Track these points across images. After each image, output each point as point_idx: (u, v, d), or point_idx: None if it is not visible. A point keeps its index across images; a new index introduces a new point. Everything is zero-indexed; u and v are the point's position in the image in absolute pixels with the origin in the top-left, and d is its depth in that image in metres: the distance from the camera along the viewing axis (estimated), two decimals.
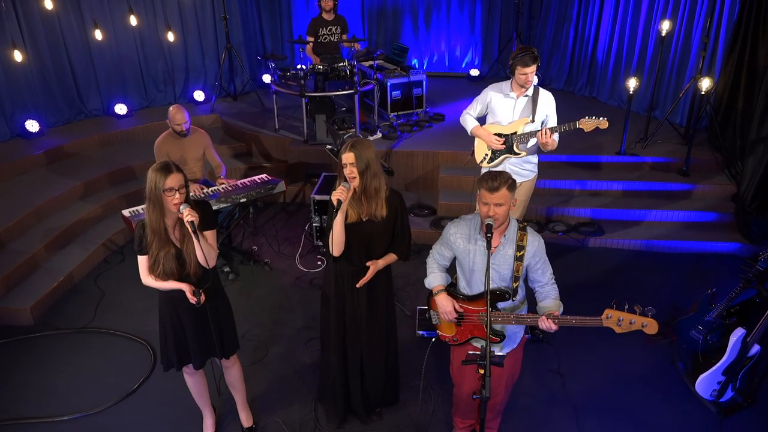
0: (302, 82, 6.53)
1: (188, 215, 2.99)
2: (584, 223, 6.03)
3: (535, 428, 3.91)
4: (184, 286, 3.20)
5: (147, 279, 3.24)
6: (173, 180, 3.01)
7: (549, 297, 3.14)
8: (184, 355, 3.49)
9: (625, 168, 6.42)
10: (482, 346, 2.75)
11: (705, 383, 3.97)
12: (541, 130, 4.31)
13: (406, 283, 5.39)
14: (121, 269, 5.65)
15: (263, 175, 5.57)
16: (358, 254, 3.41)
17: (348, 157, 3.19)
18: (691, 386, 4.13)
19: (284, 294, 5.28)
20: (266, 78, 8.53)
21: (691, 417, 4.00)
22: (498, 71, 9.02)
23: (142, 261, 3.21)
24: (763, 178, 5.67)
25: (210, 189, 5.29)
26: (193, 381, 3.70)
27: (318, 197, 5.55)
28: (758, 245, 5.65)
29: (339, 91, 6.72)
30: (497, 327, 3.24)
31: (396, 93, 7.28)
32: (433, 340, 3.51)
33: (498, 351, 3.30)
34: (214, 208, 5.09)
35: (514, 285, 3.11)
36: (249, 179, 5.46)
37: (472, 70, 9.08)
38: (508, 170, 4.67)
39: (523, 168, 4.70)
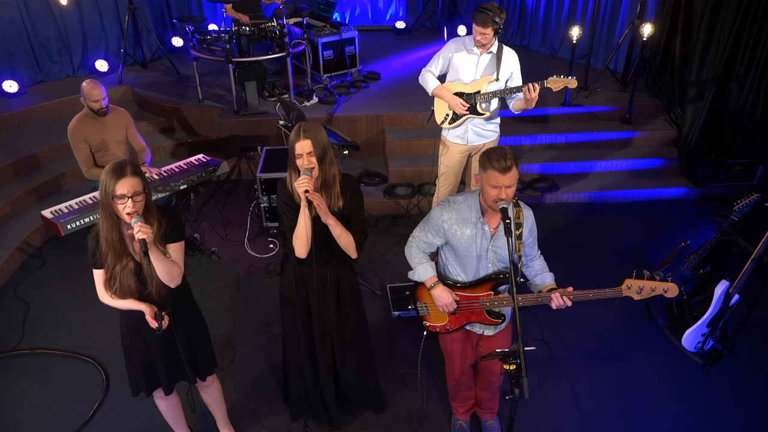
0: (227, 46, 5.89)
1: (139, 231, 2.48)
2: (538, 179, 5.93)
3: (534, 398, 3.81)
4: (144, 307, 2.74)
5: (103, 296, 2.77)
6: (125, 185, 2.49)
7: (543, 272, 3.00)
8: (154, 379, 3.05)
9: (570, 119, 6.36)
10: (515, 347, 2.52)
11: (690, 337, 4.01)
12: (527, 86, 4.03)
13: (369, 260, 5.08)
14: (43, 275, 4.94)
15: (200, 156, 5.01)
16: (320, 251, 3.01)
17: (304, 146, 2.75)
18: (674, 340, 4.18)
19: (239, 285, 4.83)
20: (177, 41, 7.74)
21: (675, 369, 4.05)
22: (424, 22, 8.66)
23: (98, 275, 2.72)
24: (706, 121, 5.78)
25: None
26: (166, 404, 3.27)
27: (264, 176, 5.06)
28: (704, 188, 5.80)
29: (269, 54, 6.12)
30: (497, 310, 3.05)
31: (328, 52, 6.78)
32: (425, 333, 3.26)
33: (490, 332, 3.14)
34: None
35: (519, 265, 2.91)
36: (185, 162, 4.88)
37: (397, 22, 8.66)
38: (470, 132, 4.43)
39: (486, 129, 4.47)
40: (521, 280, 3.00)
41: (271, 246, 5.25)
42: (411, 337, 4.30)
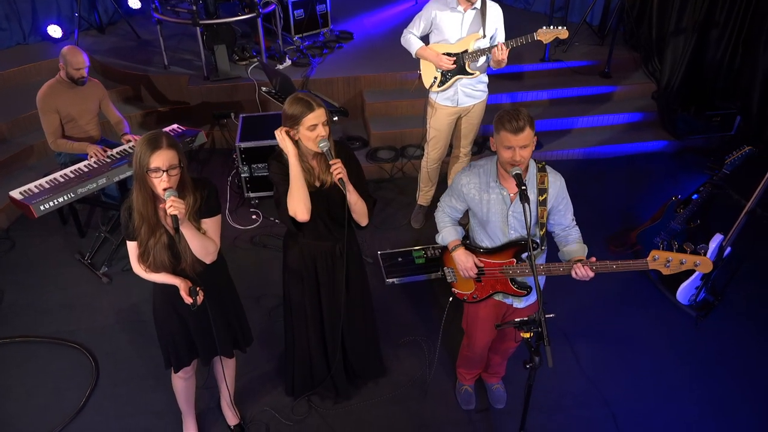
0: (193, 7, 5.55)
1: (171, 206, 2.37)
2: None
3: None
4: (178, 282, 2.66)
5: (137, 269, 2.69)
6: (161, 158, 2.37)
7: (573, 241, 2.88)
8: (183, 356, 2.98)
9: (550, 75, 6.27)
10: (534, 315, 2.47)
11: (685, 291, 4.06)
12: (497, 46, 3.94)
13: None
14: (15, 259, 4.65)
15: (174, 126, 4.77)
16: (323, 223, 2.90)
17: (321, 115, 2.62)
18: (668, 294, 4.22)
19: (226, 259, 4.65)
20: (134, 3, 7.28)
21: (671, 323, 4.10)
22: None
23: (132, 247, 2.62)
24: (686, 72, 5.77)
25: (116, 150, 4.43)
26: (186, 385, 3.19)
27: (244, 144, 4.85)
28: (684, 140, 5.84)
29: (238, 15, 5.81)
30: (520, 279, 2.98)
31: (298, 12, 6.48)
32: (450, 299, 3.19)
33: (520, 305, 3.07)
34: (128, 173, 4.29)
35: (540, 233, 2.82)
36: None
37: None
38: (459, 93, 4.31)
39: (476, 89, 4.36)
40: (544, 248, 2.91)
41: (254, 217, 5.07)
42: (406, 304, 4.24)
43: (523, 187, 2.54)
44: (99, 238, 4.68)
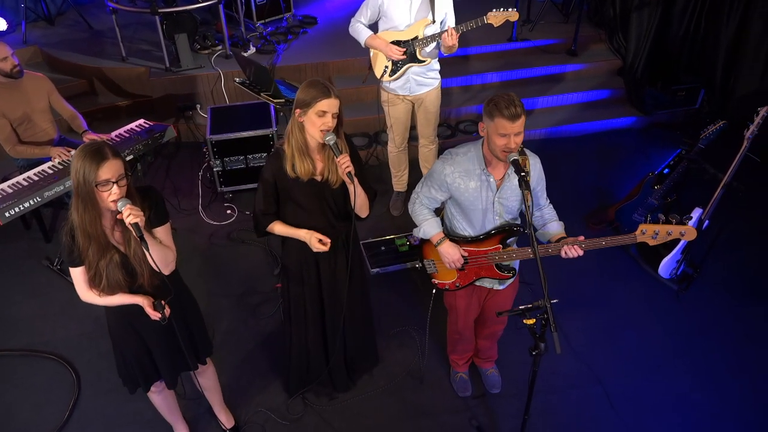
0: None
1: (129, 215, 2.21)
2: None
3: (527, 343, 3.83)
4: (140, 300, 2.50)
5: (88, 295, 2.49)
6: (109, 169, 2.20)
7: (549, 220, 2.91)
8: (151, 373, 2.82)
9: (517, 54, 6.25)
10: (540, 302, 2.46)
11: (667, 265, 4.14)
12: (447, 31, 3.88)
13: None
14: None
15: (141, 121, 4.58)
16: (324, 215, 2.86)
17: (333, 104, 2.56)
18: (649, 270, 4.30)
19: (203, 258, 4.52)
20: None
21: (652, 297, 4.19)
22: None
23: (77, 273, 2.43)
24: (652, 47, 5.84)
25: None
26: (162, 398, 3.04)
27: (216, 137, 4.68)
28: (652, 116, 5.93)
29: (199, 2, 5.58)
30: (507, 263, 2.98)
31: None
32: (434, 291, 3.16)
33: (500, 287, 3.09)
34: None
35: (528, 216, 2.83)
36: (125, 129, 4.44)
37: None
38: (411, 81, 4.23)
39: (427, 77, 4.29)
40: (525, 231, 2.93)
41: (229, 212, 4.93)
42: (392, 293, 4.20)
43: (524, 173, 2.51)
44: None
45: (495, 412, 3.47)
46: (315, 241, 2.76)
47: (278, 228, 2.85)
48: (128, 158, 4.18)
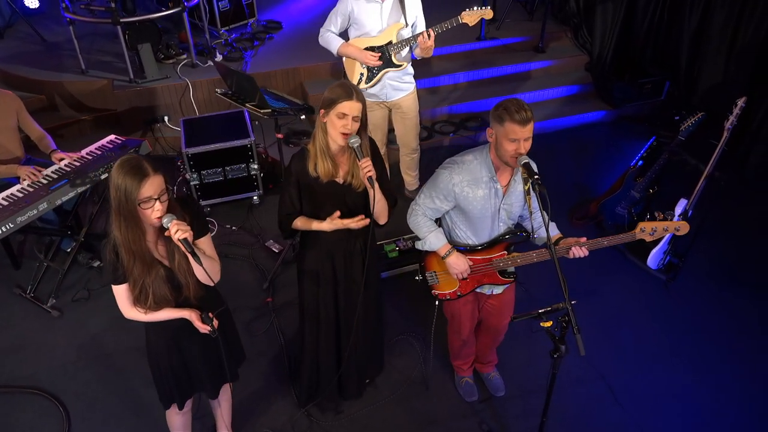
0: (112, 4, 5.07)
1: (177, 231, 2.15)
2: (468, 118, 5.87)
3: (525, 342, 3.84)
4: (187, 314, 2.44)
5: (131, 312, 2.42)
6: (151, 186, 2.13)
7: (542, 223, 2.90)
8: (186, 390, 2.77)
9: (487, 53, 6.28)
10: (561, 304, 2.46)
11: (654, 257, 4.22)
12: (422, 34, 3.87)
13: None
14: None
15: (112, 137, 4.36)
16: (343, 218, 2.79)
17: (355, 108, 2.51)
18: (638, 262, 4.37)
19: None
20: (31, 2, 6.60)
21: (644, 289, 4.25)
22: None
23: (121, 291, 2.36)
24: (618, 41, 5.95)
25: (51, 170, 3.98)
26: (183, 421, 2.97)
27: (192, 150, 4.52)
28: (621, 108, 6.05)
29: (162, 10, 5.38)
30: (510, 269, 2.98)
31: (223, 2, 6.11)
32: (437, 303, 3.12)
33: (499, 291, 3.09)
34: (71, 194, 3.89)
35: (531, 219, 2.84)
36: (96, 146, 4.23)
37: None
38: (387, 87, 4.20)
39: (403, 81, 4.28)
40: (523, 234, 2.92)
41: (210, 227, 4.77)
42: (390, 300, 4.14)
43: (537, 176, 2.50)
44: (40, 267, 4.24)
45: (503, 415, 3.46)
46: (338, 223, 2.68)
47: (299, 222, 2.81)
48: (102, 177, 3.98)
